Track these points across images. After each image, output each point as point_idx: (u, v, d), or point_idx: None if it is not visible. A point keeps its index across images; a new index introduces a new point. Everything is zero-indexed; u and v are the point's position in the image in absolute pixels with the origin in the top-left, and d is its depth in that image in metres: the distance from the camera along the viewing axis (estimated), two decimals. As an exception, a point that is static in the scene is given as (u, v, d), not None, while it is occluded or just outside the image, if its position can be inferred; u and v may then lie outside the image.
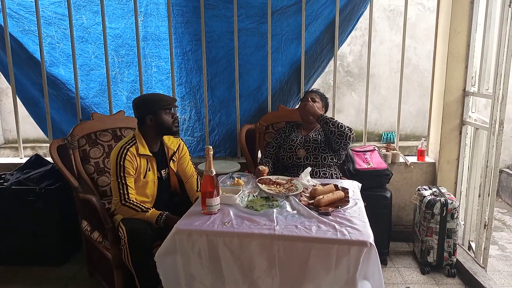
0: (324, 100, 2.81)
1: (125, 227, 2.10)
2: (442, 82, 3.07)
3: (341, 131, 2.51)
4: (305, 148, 2.62)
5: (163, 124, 2.25)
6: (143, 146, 2.25)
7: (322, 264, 1.65)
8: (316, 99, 2.72)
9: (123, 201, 2.16)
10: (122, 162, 2.17)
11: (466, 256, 2.83)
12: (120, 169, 2.16)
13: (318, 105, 2.70)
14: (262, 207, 1.97)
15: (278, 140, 2.80)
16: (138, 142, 2.25)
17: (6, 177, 2.95)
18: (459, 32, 2.96)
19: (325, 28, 3.18)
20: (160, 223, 2.13)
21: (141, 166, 2.24)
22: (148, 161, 2.28)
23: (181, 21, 3.15)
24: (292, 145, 2.67)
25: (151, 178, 2.30)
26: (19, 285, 2.67)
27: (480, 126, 2.83)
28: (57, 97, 3.17)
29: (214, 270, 1.75)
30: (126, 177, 2.17)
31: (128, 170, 2.18)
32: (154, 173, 2.31)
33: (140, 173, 2.25)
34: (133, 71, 3.22)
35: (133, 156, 2.20)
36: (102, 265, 2.48)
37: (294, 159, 2.62)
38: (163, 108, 2.23)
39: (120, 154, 2.18)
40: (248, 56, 3.19)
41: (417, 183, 3.22)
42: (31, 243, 2.86)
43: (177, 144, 2.45)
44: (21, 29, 3.04)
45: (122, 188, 2.17)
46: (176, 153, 2.44)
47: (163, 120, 2.24)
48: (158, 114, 2.23)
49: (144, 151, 2.24)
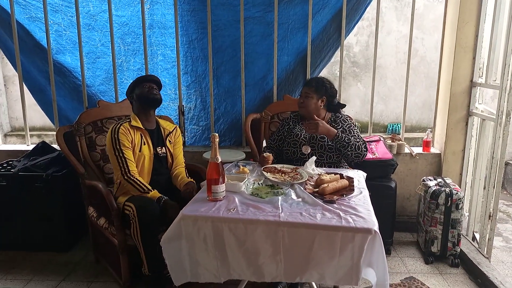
0: (323, 90, 2.56)
1: (133, 204, 2.16)
2: (449, 72, 3.05)
3: (358, 152, 2.43)
4: (310, 145, 2.53)
5: (140, 96, 2.39)
6: (135, 120, 2.38)
7: (326, 251, 1.66)
8: (309, 94, 2.54)
9: (126, 175, 2.24)
10: (116, 135, 2.27)
11: (470, 247, 2.84)
12: (115, 142, 2.27)
13: (312, 100, 2.53)
14: (267, 194, 1.98)
15: (281, 132, 2.69)
16: (132, 118, 2.39)
17: (13, 163, 2.99)
18: (467, 22, 2.93)
19: (332, 17, 3.15)
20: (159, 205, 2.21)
21: (135, 139, 2.33)
22: (142, 135, 2.37)
23: (187, 9, 3.14)
24: (297, 140, 2.57)
25: (147, 153, 2.37)
26: (26, 270, 2.70)
27: (487, 117, 2.82)
28: (63, 85, 3.19)
29: (219, 256, 1.76)
30: (123, 150, 2.27)
31: (123, 142, 2.28)
32: (149, 149, 2.39)
33: (135, 145, 2.33)
34: (139, 59, 3.22)
35: (126, 130, 2.31)
36: (108, 251, 2.51)
37: (299, 155, 2.56)
38: (138, 84, 2.41)
39: (114, 129, 2.30)
40: (254, 45, 3.18)
41: (422, 174, 3.21)
42: (37, 229, 2.89)
43: (173, 127, 2.57)
44: (28, 16, 3.04)
45: (121, 161, 2.26)
46: (172, 134, 2.53)
47: (140, 93, 2.39)
48: (136, 90, 2.41)
49: (136, 124, 2.36)
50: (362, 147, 2.45)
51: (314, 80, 2.64)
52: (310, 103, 2.55)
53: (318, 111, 2.57)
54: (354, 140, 2.45)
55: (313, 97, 2.54)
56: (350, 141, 2.43)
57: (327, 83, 2.60)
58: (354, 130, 2.56)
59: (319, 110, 2.58)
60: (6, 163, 3.02)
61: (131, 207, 2.16)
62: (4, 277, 2.62)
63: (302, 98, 2.58)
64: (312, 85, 2.58)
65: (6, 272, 2.67)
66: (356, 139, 2.47)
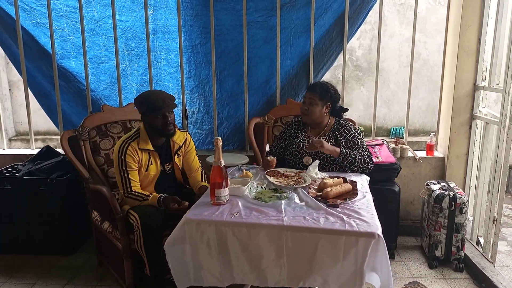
0: (327, 96, 2.49)
1: (137, 213, 2.16)
2: (452, 76, 3.05)
3: (364, 166, 2.40)
4: (312, 156, 2.45)
5: (153, 127, 2.27)
6: (144, 140, 2.29)
7: (329, 255, 1.66)
8: (314, 101, 2.47)
9: (126, 193, 2.24)
10: (123, 157, 2.22)
11: (474, 251, 2.82)
12: (122, 163, 2.23)
13: (317, 108, 2.47)
14: (270, 198, 1.98)
15: (282, 140, 2.63)
16: (141, 137, 2.29)
17: (18, 167, 3.01)
18: (470, 26, 2.93)
19: (335, 21, 3.16)
20: (161, 205, 2.20)
21: (142, 160, 2.28)
22: (150, 155, 2.32)
23: (190, 14, 3.16)
24: (298, 151, 2.50)
25: (154, 172, 2.33)
26: (30, 273, 2.71)
27: (491, 121, 2.81)
28: (68, 90, 3.21)
29: (222, 260, 1.76)
30: (128, 171, 2.24)
31: (130, 164, 2.24)
32: (157, 167, 2.35)
33: (142, 166, 2.29)
34: (143, 64, 3.24)
35: (134, 151, 2.25)
36: (112, 254, 2.52)
37: (300, 166, 2.49)
38: (152, 111, 2.22)
39: (121, 149, 2.24)
40: (257, 49, 3.19)
41: (426, 178, 3.20)
42: (41, 232, 2.90)
43: (183, 139, 2.45)
44: (32, 22, 3.07)
45: (124, 181, 2.24)
46: (182, 147, 2.45)
47: (153, 123, 2.25)
48: (148, 116, 2.25)
49: (145, 146, 2.28)
50: (368, 160, 2.42)
51: (318, 85, 2.53)
52: (315, 111, 2.48)
53: (322, 117, 2.53)
54: (359, 154, 2.40)
55: (318, 104, 2.47)
56: (355, 157, 2.38)
57: (332, 89, 2.53)
58: (359, 141, 2.49)
59: (323, 117, 2.53)
60: (11, 167, 3.05)
61: (135, 217, 2.15)
62: (8, 280, 2.63)
63: (306, 105, 2.50)
64: (316, 91, 2.49)
65: (10, 276, 2.68)
66: (361, 152, 2.43)
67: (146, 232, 2.12)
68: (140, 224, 2.11)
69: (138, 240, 2.15)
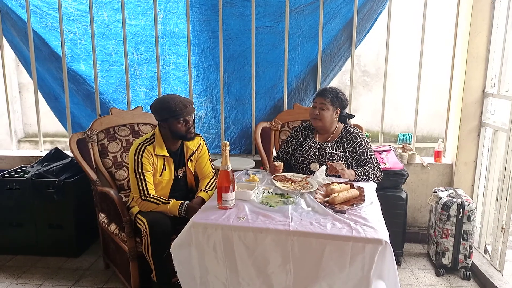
0: (338, 102, 2.50)
1: (145, 218, 2.16)
2: (461, 83, 3.03)
3: (375, 180, 2.40)
4: (319, 163, 2.45)
5: (175, 132, 2.26)
6: (160, 146, 2.29)
7: (336, 261, 1.65)
8: (325, 106, 2.46)
9: (143, 196, 2.22)
10: (140, 159, 2.22)
11: (482, 259, 2.79)
12: (138, 165, 2.22)
13: (329, 112, 2.47)
14: (277, 203, 1.98)
15: (289, 145, 2.63)
16: (156, 142, 2.29)
17: (26, 169, 3.04)
18: (479, 33, 2.92)
19: (343, 27, 3.17)
20: (182, 213, 2.19)
21: (157, 165, 2.28)
22: (165, 161, 2.32)
23: (199, 18, 3.18)
24: (306, 157, 2.49)
25: (167, 177, 2.33)
26: (37, 275, 2.73)
27: (500, 128, 2.79)
28: (77, 92, 3.24)
29: (228, 264, 1.76)
30: (144, 173, 2.22)
31: (146, 166, 2.23)
32: (170, 173, 2.35)
33: (156, 171, 2.29)
34: (152, 68, 3.26)
35: (149, 154, 2.25)
36: (118, 257, 2.53)
37: (307, 172, 2.48)
38: (174, 117, 2.21)
39: (137, 151, 2.23)
40: (265, 54, 3.20)
41: (434, 185, 3.18)
42: (49, 234, 2.93)
43: (197, 144, 2.45)
44: (43, 25, 3.11)
45: (141, 184, 2.22)
46: (196, 153, 2.45)
47: (175, 129, 2.24)
48: (170, 122, 2.23)
49: (160, 152, 2.28)
50: (378, 173, 2.42)
51: (329, 90, 2.51)
52: (326, 115, 2.47)
53: (332, 123, 2.53)
54: (371, 170, 2.40)
55: (329, 109, 2.47)
56: (369, 174, 2.38)
57: (341, 94, 2.53)
58: (367, 151, 2.47)
59: (333, 122, 2.54)
60: (20, 169, 3.08)
61: (144, 223, 2.15)
62: (15, 281, 2.65)
63: (317, 110, 2.48)
64: (327, 96, 2.47)
65: (17, 277, 2.70)
66: (371, 166, 2.42)
67: (154, 239, 2.11)
68: (148, 230, 2.11)
69: (146, 246, 2.14)
